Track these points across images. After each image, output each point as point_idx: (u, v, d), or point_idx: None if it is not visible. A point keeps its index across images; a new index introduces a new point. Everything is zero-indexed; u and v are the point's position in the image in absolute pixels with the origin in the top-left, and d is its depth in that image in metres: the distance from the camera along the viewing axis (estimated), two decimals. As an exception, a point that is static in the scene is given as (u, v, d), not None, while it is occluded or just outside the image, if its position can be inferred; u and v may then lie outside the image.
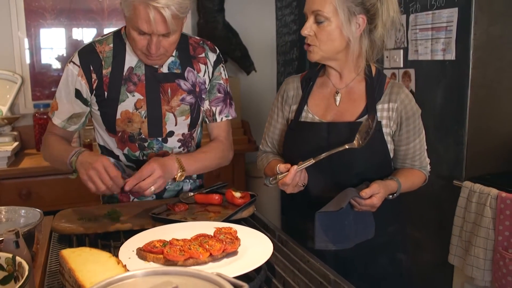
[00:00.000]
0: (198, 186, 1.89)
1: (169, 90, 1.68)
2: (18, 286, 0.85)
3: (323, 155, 1.43)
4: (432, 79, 2.36)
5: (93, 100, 1.66)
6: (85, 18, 3.53)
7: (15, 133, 3.27)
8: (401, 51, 2.54)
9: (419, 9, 2.39)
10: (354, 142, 1.45)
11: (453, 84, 2.24)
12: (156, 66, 1.66)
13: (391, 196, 1.51)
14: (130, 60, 1.65)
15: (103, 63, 1.63)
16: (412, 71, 2.48)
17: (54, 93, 3.38)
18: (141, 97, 1.66)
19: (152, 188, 1.48)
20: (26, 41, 3.39)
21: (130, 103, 1.65)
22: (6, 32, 3.34)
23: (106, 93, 1.64)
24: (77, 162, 1.50)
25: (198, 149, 1.81)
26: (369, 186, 1.43)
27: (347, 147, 1.44)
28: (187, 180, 1.83)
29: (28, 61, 3.42)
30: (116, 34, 1.68)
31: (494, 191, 2.04)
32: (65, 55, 3.55)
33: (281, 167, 1.46)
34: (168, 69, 1.69)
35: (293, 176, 1.42)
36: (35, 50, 3.45)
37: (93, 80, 1.63)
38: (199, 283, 0.76)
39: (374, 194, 1.41)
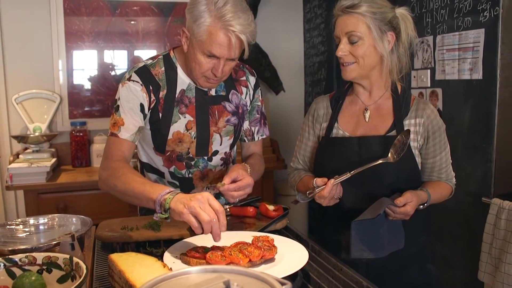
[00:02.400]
0: (232, 201, 1.96)
1: (216, 112, 1.76)
2: (78, 282, 0.93)
3: (359, 169, 1.49)
4: (459, 98, 2.40)
5: (146, 119, 1.71)
6: (120, 41, 3.67)
7: (53, 149, 3.42)
8: (428, 71, 2.59)
9: (446, 30, 2.45)
10: (389, 156, 1.52)
11: (480, 103, 2.28)
12: (206, 90, 1.74)
13: (421, 206, 1.57)
14: (182, 83, 1.72)
15: (160, 84, 1.69)
16: (439, 90, 2.52)
17: (89, 112, 3.61)
18: (192, 119, 1.73)
19: (237, 199, 1.57)
20: (65, 62, 3.55)
21: (181, 124, 1.72)
22: (47, 54, 3.51)
23: (160, 114, 1.70)
24: (173, 200, 1.32)
25: (249, 160, 1.86)
26: (402, 195, 1.49)
27: (381, 161, 1.51)
28: (222, 197, 1.90)
29: (65, 81, 3.57)
30: (166, 58, 1.74)
31: (523, 208, 2.05)
32: (100, 75, 3.69)
33: (318, 180, 1.52)
34: (215, 92, 1.77)
35: (330, 189, 1.48)
36: (72, 71, 3.60)
37: (151, 100, 1.68)
38: (248, 280, 0.82)
39: (408, 202, 1.47)
